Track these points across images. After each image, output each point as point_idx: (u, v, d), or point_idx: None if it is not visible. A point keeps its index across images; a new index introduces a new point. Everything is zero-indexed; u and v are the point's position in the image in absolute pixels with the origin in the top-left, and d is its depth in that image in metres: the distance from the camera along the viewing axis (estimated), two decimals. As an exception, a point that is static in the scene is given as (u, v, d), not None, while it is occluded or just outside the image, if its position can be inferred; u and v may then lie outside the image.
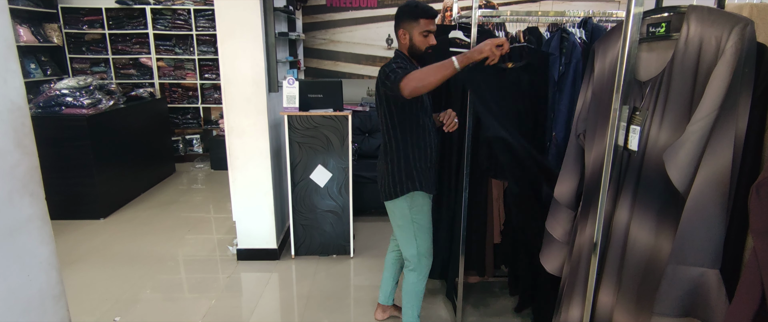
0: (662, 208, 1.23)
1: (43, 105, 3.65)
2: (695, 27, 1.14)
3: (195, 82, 5.48)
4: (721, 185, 1.08)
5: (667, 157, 1.16)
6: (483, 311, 2.53)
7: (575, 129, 1.61)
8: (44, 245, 1.05)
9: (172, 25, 5.25)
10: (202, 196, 4.50)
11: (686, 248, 1.13)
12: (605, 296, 1.41)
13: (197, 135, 5.78)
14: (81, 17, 5.16)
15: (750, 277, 0.88)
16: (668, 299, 1.16)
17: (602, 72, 1.46)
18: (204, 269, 3.01)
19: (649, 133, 1.25)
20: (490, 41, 1.64)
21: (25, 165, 0.99)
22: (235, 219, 3.06)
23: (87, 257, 3.14)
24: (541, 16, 2.27)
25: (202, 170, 5.43)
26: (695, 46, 1.14)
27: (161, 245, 3.35)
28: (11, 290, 0.97)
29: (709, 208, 1.09)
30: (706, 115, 1.08)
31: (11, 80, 0.95)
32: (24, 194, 0.98)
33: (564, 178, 1.64)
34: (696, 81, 1.14)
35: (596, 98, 1.49)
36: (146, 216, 3.93)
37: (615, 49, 1.41)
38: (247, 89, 2.84)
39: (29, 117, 1.00)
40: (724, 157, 1.07)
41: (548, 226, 1.74)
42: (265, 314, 2.51)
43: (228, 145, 2.93)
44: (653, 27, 1.29)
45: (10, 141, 0.95)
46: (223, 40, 2.77)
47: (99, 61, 5.39)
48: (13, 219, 0.96)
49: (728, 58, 1.06)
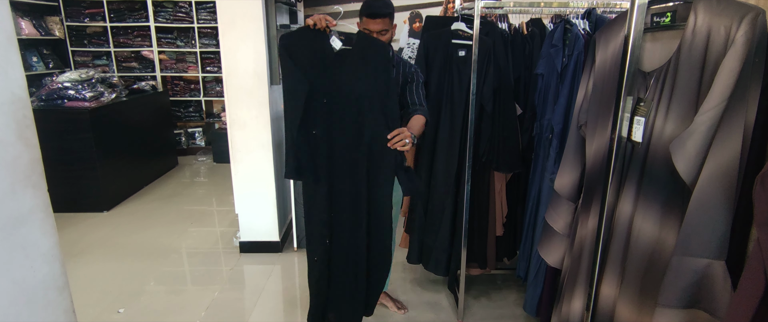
0: (667, 199, 1.23)
1: (46, 98, 3.65)
2: (703, 16, 1.13)
3: (197, 75, 5.47)
4: (728, 176, 1.07)
5: (674, 148, 1.15)
6: (484, 303, 2.53)
7: (576, 120, 1.60)
8: (47, 236, 1.05)
9: (173, 17, 5.23)
10: (205, 189, 4.51)
11: (692, 240, 1.12)
12: (608, 287, 1.41)
13: (199, 128, 5.78)
14: (83, 10, 5.15)
15: (753, 268, 0.88)
16: (673, 290, 1.15)
17: (604, 63, 1.45)
18: (207, 261, 3.02)
19: (654, 125, 1.24)
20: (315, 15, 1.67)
21: (27, 157, 0.98)
22: (238, 212, 3.06)
23: (91, 249, 3.16)
24: (545, 7, 2.25)
25: (204, 163, 5.44)
26: (703, 36, 1.12)
27: (164, 237, 3.36)
28: (15, 282, 0.97)
29: (715, 199, 1.09)
30: (715, 106, 1.07)
31: (12, 72, 0.95)
32: (26, 186, 0.98)
33: (565, 170, 1.64)
34: (703, 71, 1.13)
35: (597, 89, 1.47)
36: (149, 209, 3.94)
37: (617, 39, 1.39)
38: (248, 82, 2.83)
39: (30, 109, 1.00)
40: (733, 148, 1.06)
41: (549, 218, 1.74)
42: (267, 306, 2.52)
43: (230, 138, 2.93)
44: (658, 16, 1.28)
45: (12, 133, 0.95)
46: (224, 32, 2.76)
47: (101, 54, 5.38)
48: (16, 211, 0.96)
49: (739, 47, 1.04)
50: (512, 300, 2.56)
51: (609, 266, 1.40)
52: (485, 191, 2.30)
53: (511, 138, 2.19)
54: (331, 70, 1.65)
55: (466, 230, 2.23)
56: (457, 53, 2.24)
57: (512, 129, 2.19)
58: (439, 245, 2.40)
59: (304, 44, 1.65)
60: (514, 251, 2.51)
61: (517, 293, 2.61)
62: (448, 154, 2.29)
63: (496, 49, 2.14)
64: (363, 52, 1.66)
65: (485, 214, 2.33)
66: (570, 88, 1.93)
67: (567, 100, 1.94)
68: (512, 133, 2.19)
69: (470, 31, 2.18)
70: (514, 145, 2.20)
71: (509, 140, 2.19)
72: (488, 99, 2.15)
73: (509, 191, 2.37)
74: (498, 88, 2.16)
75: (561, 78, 1.99)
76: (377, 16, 1.88)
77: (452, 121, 2.26)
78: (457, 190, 2.33)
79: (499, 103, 2.18)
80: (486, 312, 2.45)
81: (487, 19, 2.29)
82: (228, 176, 3.72)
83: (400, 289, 2.66)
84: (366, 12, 1.90)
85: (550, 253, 1.76)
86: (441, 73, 2.28)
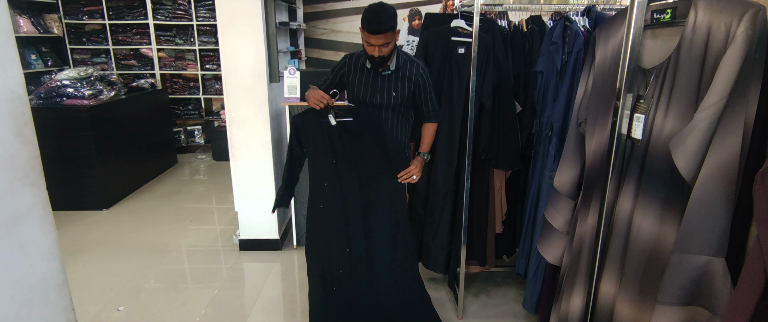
0: (667, 196, 1.23)
1: (45, 96, 3.64)
2: (703, 13, 1.12)
3: (196, 72, 5.46)
4: (728, 173, 1.07)
5: (674, 145, 1.15)
6: (484, 300, 2.54)
7: (576, 118, 1.60)
8: (46, 234, 1.04)
9: (172, 15, 5.22)
10: (204, 187, 4.51)
11: (692, 237, 1.12)
12: (607, 285, 1.41)
13: (198, 126, 5.78)
14: (81, 7, 5.14)
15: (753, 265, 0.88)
16: (673, 288, 1.15)
17: (603, 60, 1.44)
18: (206, 259, 3.02)
19: (654, 122, 1.24)
20: (314, 93, 1.95)
21: (25, 154, 0.98)
22: (237, 210, 3.06)
23: (90, 247, 3.16)
24: (544, 5, 2.25)
25: (203, 160, 5.44)
26: (703, 33, 1.12)
27: (164, 235, 3.36)
28: (14, 280, 0.97)
29: (715, 196, 1.08)
30: (716, 103, 1.07)
31: (10, 69, 0.95)
32: (25, 184, 0.98)
33: (564, 167, 1.64)
34: (704, 68, 1.12)
35: (597, 86, 1.47)
36: (149, 207, 3.93)
37: (616, 36, 1.39)
38: (248, 80, 2.83)
39: (29, 106, 1.00)
40: (733, 145, 1.06)
41: (548, 215, 1.74)
42: (267, 303, 2.52)
43: (229, 135, 2.93)
44: (658, 13, 1.28)
45: (10, 130, 0.95)
46: (223, 30, 2.76)
47: (99, 52, 5.37)
48: (15, 209, 0.96)
49: (739, 44, 1.04)
50: (512, 297, 2.56)
51: (608, 263, 1.40)
52: (485, 188, 2.30)
53: (511, 135, 2.19)
54: (335, 137, 1.97)
55: (465, 227, 2.23)
56: (456, 51, 2.24)
57: (512, 126, 2.19)
58: (439, 242, 2.40)
59: (311, 120, 2.00)
60: (514, 249, 2.51)
61: (516, 291, 2.62)
62: (448, 152, 2.29)
63: (496, 47, 2.13)
64: (359, 127, 1.98)
65: (485, 211, 2.33)
66: (570, 86, 1.93)
67: (566, 98, 1.94)
68: (512, 130, 2.19)
69: (470, 28, 2.18)
70: (513, 142, 2.20)
71: (509, 138, 2.19)
72: (488, 96, 2.15)
73: (509, 189, 2.37)
74: (497, 86, 2.16)
75: (560, 75, 1.98)
76: (379, 32, 1.83)
77: (452, 118, 2.26)
78: (457, 187, 2.33)
79: (499, 100, 2.17)
80: (486, 310, 2.46)
81: (486, 17, 2.29)
82: (227, 173, 3.72)
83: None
84: (367, 28, 1.84)
85: (550, 250, 1.76)
86: (440, 71, 2.28)
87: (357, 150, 1.98)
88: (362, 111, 2.01)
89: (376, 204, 2.02)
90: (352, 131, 1.97)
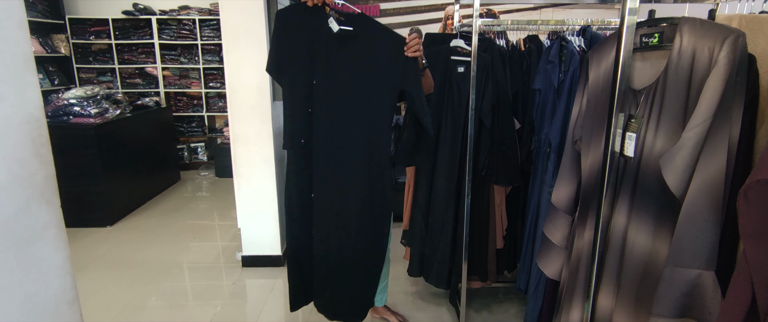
0: (659, 212, 1.26)
1: (52, 114, 3.71)
2: (688, 38, 1.18)
3: (200, 90, 5.54)
4: (715, 189, 1.11)
5: (663, 162, 1.19)
6: (486, 316, 2.55)
7: (572, 136, 1.64)
8: (59, 251, 1.08)
9: (177, 34, 5.33)
10: (207, 203, 4.54)
11: (683, 251, 1.16)
12: (605, 298, 1.43)
13: (202, 143, 5.84)
14: (88, 28, 5.25)
15: (740, 278, 0.91)
16: (666, 301, 1.19)
17: (596, 80, 1.49)
18: (209, 275, 3.04)
19: (645, 140, 1.29)
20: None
21: (42, 174, 1.03)
22: (240, 226, 3.09)
23: (94, 263, 3.18)
24: (542, 25, 2.31)
25: (206, 177, 5.48)
26: (688, 56, 1.18)
27: (167, 252, 3.39)
28: (28, 296, 1.00)
29: (704, 212, 1.12)
30: (701, 123, 1.12)
31: (29, 93, 1.00)
32: (41, 202, 1.02)
33: (561, 183, 1.67)
34: (690, 89, 1.18)
35: (591, 106, 1.52)
36: (152, 223, 3.97)
37: (608, 58, 1.44)
38: (252, 98, 2.89)
39: (46, 128, 1.05)
40: (719, 162, 1.11)
41: (547, 231, 1.77)
42: (269, 320, 2.54)
43: (233, 153, 2.97)
44: (646, 37, 1.33)
45: (29, 151, 0.99)
46: (228, 49, 2.82)
47: (105, 71, 5.46)
48: (31, 226, 1.00)
49: (721, 68, 1.09)
50: (513, 313, 2.57)
51: (605, 277, 1.43)
52: (485, 204, 2.34)
53: (510, 152, 2.23)
54: (328, 53, 1.53)
55: (466, 243, 2.25)
56: (456, 69, 2.30)
57: (511, 143, 2.23)
58: (440, 257, 2.42)
59: (302, 22, 1.53)
60: (515, 264, 2.53)
61: (518, 306, 2.63)
62: (449, 169, 2.33)
63: (495, 65, 2.19)
64: (370, 42, 1.53)
65: (485, 227, 2.36)
66: (567, 103, 1.98)
67: (564, 115, 1.99)
68: (511, 147, 2.23)
69: (469, 47, 2.24)
70: (513, 159, 2.24)
71: (508, 154, 2.23)
72: (487, 114, 2.19)
73: (509, 204, 2.40)
74: (496, 104, 2.21)
75: (558, 93, 2.03)
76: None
77: (452, 135, 2.30)
78: (458, 203, 2.36)
79: (498, 117, 2.22)
80: (487, 325, 2.47)
81: (485, 36, 2.35)
82: (230, 190, 3.75)
83: (401, 302, 2.68)
84: None
85: (549, 265, 1.79)
86: (440, 89, 2.33)
87: (347, 72, 1.57)
88: (368, 18, 1.61)
89: (355, 140, 1.65)
90: (354, 50, 1.54)
